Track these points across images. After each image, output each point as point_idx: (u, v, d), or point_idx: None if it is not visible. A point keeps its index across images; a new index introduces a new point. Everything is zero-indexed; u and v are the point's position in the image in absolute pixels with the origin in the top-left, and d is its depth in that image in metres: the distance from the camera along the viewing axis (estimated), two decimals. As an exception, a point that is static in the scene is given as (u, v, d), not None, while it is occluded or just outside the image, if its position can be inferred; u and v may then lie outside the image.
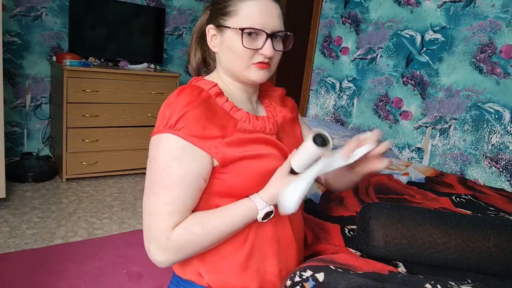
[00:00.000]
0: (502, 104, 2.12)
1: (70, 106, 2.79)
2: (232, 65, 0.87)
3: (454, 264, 1.01)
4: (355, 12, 2.90)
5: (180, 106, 0.79)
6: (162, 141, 0.79)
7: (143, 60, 3.30)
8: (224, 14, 0.85)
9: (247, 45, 0.83)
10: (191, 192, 0.80)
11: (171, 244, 0.78)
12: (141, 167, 3.15)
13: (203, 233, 0.80)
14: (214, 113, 0.82)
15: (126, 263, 1.94)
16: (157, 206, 0.79)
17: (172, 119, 0.78)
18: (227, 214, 0.82)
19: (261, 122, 0.90)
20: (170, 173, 0.78)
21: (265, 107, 0.98)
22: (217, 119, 0.81)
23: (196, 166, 0.79)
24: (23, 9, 2.96)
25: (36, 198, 2.58)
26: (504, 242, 0.99)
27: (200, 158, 0.79)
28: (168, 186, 0.78)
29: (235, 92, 0.91)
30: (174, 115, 0.78)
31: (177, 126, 0.77)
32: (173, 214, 0.78)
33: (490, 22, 2.15)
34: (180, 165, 0.78)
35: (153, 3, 3.49)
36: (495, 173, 2.15)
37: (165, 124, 0.79)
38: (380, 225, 1.02)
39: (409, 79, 2.56)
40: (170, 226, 0.78)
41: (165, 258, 0.80)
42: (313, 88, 3.26)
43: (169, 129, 0.78)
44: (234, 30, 0.83)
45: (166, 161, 0.78)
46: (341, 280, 0.81)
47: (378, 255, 1.02)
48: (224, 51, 0.87)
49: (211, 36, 0.89)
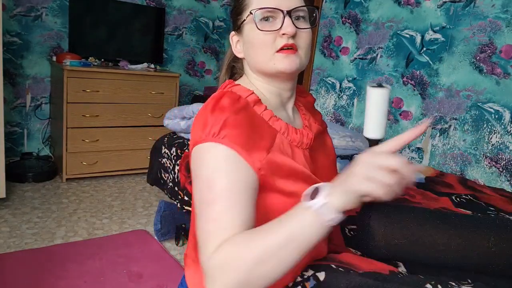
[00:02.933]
0: (502, 104, 2.12)
1: (70, 106, 2.79)
2: (257, 60, 0.82)
3: (454, 264, 1.01)
4: (355, 12, 2.90)
5: (221, 113, 0.73)
6: (205, 152, 0.72)
7: (143, 60, 3.31)
8: (239, 13, 0.83)
9: (263, 27, 0.77)
10: (240, 204, 0.67)
11: (213, 264, 0.62)
12: (141, 167, 3.15)
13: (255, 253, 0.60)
14: (254, 122, 0.76)
15: (126, 263, 1.94)
16: (202, 225, 0.68)
17: (215, 127, 0.71)
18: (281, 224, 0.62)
19: (299, 136, 0.84)
20: (213, 187, 0.68)
21: (301, 115, 0.93)
22: (258, 128, 0.76)
23: (243, 175, 0.70)
24: (23, 9, 2.96)
25: (36, 198, 2.58)
26: (504, 242, 0.99)
27: (246, 168, 0.71)
28: (212, 202, 0.67)
29: (271, 100, 0.85)
30: (217, 123, 0.72)
31: (220, 134, 0.71)
32: (216, 232, 0.65)
33: (490, 22, 2.16)
34: (224, 176, 0.69)
35: (153, 3, 3.49)
36: (495, 173, 2.15)
37: (208, 132, 0.72)
38: (380, 225, 1.02)
39: (409, 79, 2.56)
40: (213, 246, 0.63)
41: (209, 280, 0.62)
42: (313, 88, 3.26)
43: (213, 137, 0.71)
44: (248, 19, 0.80)
45: (208, 175, 0.70)
46: (342, 279, 0.81)
47: (378, 255, 1.02)
48: (247, 49, 0.83)
49: (236, 43, 0.87)
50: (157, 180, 2.15)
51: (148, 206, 2.65)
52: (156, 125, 3.15)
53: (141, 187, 2.97)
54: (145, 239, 2.21)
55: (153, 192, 2.89)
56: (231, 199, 0.67)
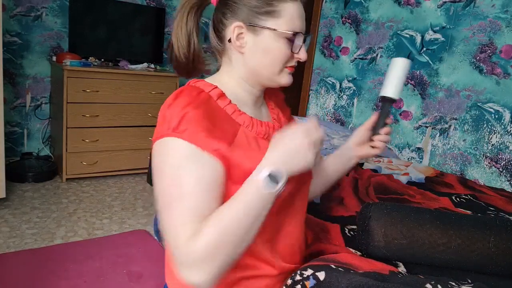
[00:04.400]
0: (502, 104, 2.12)
1: (70, 106, 2.79)
2: (265, 68, 0.81)
3: (454, 264, 1.01)
4: (355, 12, 2.90)
5: (179, 107, 0.73)
6: (166, 146, 0.72)
7: (143, 60, 3.31)
8: (262, 13, 0.78)
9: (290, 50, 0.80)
10: (208, 198, 0.71)
11: (196, 257, 0.67)
12: (141, 167, 3.15)
13: (224, 229, 0.68)
14: (215, 116, 0.76)
15: (126, 263, 1.94)
16: (172, 222, 0.70)
17: (173, 122, 0.72)
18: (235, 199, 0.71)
19: (265, 128, 0.84)
20: (179, 183, 0.70)
21: (270, 109, 0.94)
22: (219, 122, 0.76)
23: (208, 170, 0.72)
24: (23, 9, 2.96)
25: (36, 198, 2.58)
26: (504, 242, 0.99)
27: (209, 162, 0.72)
28: (179, 197, 0.70)
29: (240, 95, 0.84)
30: (174, 117, 0.72)
31: (180, 129, 0.71)
32: (188, 225, 0.69)
33: (490, 22, 2.16)
34: (189, 172, 0.70)
35: (153, 3, 3.49)
36: (495, 173, 2.15)
37: (167, 127, 0.73)
38: (380, 225, 1.02)
39: (409, 79, 2.56)
40: (188, 239, 0.68)
41: (196, 277, 0.67)
42: (313, 88, 3.26)
43: (173, 132, 0.72)
44: (277, 32, 0.78)
45: (173, 171, 0.71)
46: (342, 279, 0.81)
47: (378, 255, 1.02)
48: (257, 53, 0.80)
49: (237, 35, 0.80)
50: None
51: (148, 206, 2.65)
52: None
53: (141, 187, 2.97)
54: (145, 239, 2.21)
55: (153, 192, 2.89)
56: (198, 195, 0.70)
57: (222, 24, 0.82)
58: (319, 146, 0.74)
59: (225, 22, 0.81)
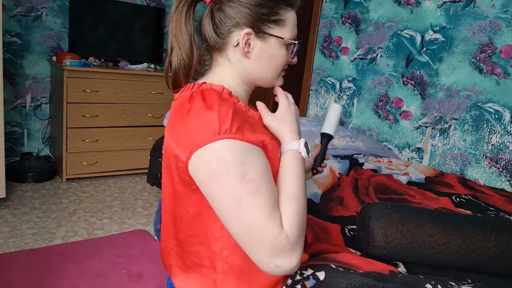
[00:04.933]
0: (502, 104, 2.12)
1: (70, 106, 2.79)
2: (266, 73, 0.85)
3: (454, 264, 1.01)
4: (355, 12, 2.90)
5: (223, 108, 0.73)
6: (221, 150, 0.71)
7: (143, 60, 3.31)
8: (271, 21, 0.81)
9: (289, 55, 0.85)
10: (273, 184, 0.76)
11: (293, 239, 0.72)
12: (141, 167, 3.15)
13: (298, 204, 0.76)
14: (241, 113, 0.78)
15: (126, 263, 1.94)
16: (257, 219, 0.71)
17: (224, 124, 0.71)
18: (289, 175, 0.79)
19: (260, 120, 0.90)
20: (250, 178, 0.71)
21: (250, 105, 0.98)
22: (246, 118, 0.79)
23: (263, 160, 0.76)
24: (23, 9, 2.96)
25: (36, 198, 2.58)
26: (504, 242, 0.99)
27: (260, 152, 0.76)
28: (255, 191, 0.71)
29: (239, 92, 0.87)
30: (222, 119, 0.71)
31: (233, 130, 0.72)
32: (273, 213, 0.72)
33: (490, 22, 2.16)
34: (254, 165, 0.73)
35: (153, 3, 3.49)
36: (495, 173, 2.15)
37: (214, 131, 0.71)
38: (380, 225, 1.02)
39: (409, 79, 2.56)
40: (280, 227, 0.72)
41: (297, 258, 0.73)
42: (313, 88, 3.26)
43: (225, 134, 0.71)
44: (282, 40, 0.82)
45: (240, 169, 0.71)
46: (342, 279, 0.81)
47: (378, 255, 1.02)
48: (262, 59, 0.83)
49: (245, 42, 0.80)
50: (157, 180, 2.15)
51: (148, 206, 2.66)
52: (156, 125, 3.15)
53: (141, 187, 2.97)
54: (145, 239, 2.21)
55: (153, 192, 2.89)
56: (269, 184, 0.74)
57: (224, 25, 0.81)
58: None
59: (229, 23, 0.80)
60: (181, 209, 0.84)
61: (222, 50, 0.84)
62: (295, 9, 0.85)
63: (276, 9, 0.81)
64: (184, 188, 0.80)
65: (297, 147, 0.82)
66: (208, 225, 0.80)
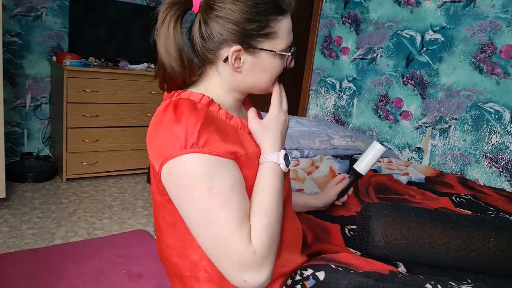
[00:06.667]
0: (502, 104, 2.12)
1: (70, 106, 2.79)
2: (260, 84, 0.83)
3: (454, 264, 1.01)
4: (355, 12, 2.90)
5: (191, 121, 0.70)
6: (187, 164, 0.70)
7: (143, 60, 3.30)
8: (261, 36, 0.77)
9: (284, 63, 0.83)
10: (244, 197, 0.74)
11: (262, 254, 0.70)
12: (141, 167, 3.15)
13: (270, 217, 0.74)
14: (217, 123, 0.76)
15: (126, 263, 1.94)
16: (224, 232, 0.69)
17: (189, 139, 0.69)
18: (263, 188, 0.76)
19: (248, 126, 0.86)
20: (218, 191, 0.70)
21: (246, 106, 0.96)
22: (222, 128, 0.76)
23: (234, 173, 0.73)
24: (23, 9, 2.96)
25: (36, 198, 2.58)
26: (504, 242, 0.99)
27: (233, 165, 0.74)
28: (223, 204, 0.70)
29: (227, 101, 0.84)
30: (189, 133, 0.69)
31: (199, 144, 0.70)
32: (241, 227, 0.70)
33: (490, 22, 2.16)
34: (222, 179, 0.71)
35: (153, 3, 3.49)
36: (495, 173, 2.15)
37: (180, 145, 0.70)
38: (380, 225, 1.02)
39: (409, 79, 2.56)
40: (247, 241, 0.70)
41: (266, 274, 0.71)
42: (313, 88, 3.26)
43: (191, 148, 0.69)
44: (274, 53, 0.79)
45: (207, 183, 0.69)
46: (341, 279, 0.81)
47: (378, 255, 1.02)
48: (254, 72, 0.81)
49: (234, 58, 0.78)
50: (157, 180, 2.15)
51: (148, 206, 2.66)
52: (156, 125, 3.15)
53: (141, 187, 2.97)
54: (145, 239, 2.21)
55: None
56: (239, 197, 0.72)
57: (212, 41, 0.78)
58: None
59: (217, 40, 0.77)
60: (160, 218, 0.84)
61: (213, 63, 0.82)
62: (290, 13, 0.81)
63: (266, 22, 0.77)
64: (161, 198, 0.80)
65: (275, 159, 0.79)
66: (184, 235, 0.78)
